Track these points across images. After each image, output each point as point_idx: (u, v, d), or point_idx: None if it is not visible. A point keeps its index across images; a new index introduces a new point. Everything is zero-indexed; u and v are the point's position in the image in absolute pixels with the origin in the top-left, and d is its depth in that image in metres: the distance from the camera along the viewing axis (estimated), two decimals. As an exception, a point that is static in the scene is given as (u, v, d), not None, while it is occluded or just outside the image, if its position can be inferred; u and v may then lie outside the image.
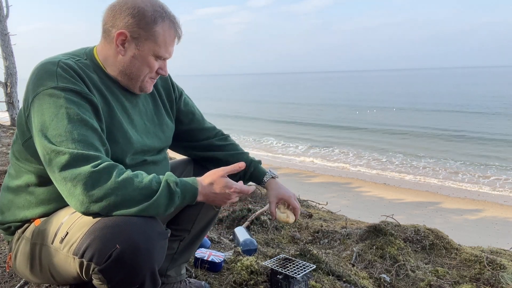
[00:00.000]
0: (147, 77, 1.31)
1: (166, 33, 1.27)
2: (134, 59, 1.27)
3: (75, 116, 1.11)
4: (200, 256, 1.97)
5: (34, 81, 1.15)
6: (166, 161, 1.51)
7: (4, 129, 7.20)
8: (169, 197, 1.11)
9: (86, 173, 1.04)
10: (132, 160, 1.30)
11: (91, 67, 1.26)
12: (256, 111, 34.00)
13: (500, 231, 7.14)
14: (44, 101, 1.11)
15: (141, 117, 1.38)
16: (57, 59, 1.20)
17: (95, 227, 1.05)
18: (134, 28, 1.23)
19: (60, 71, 1.15)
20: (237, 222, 2.80)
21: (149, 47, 1.26)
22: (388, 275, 2.19)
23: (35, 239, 1.21)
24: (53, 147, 1.07)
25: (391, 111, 30.57)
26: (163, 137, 1.46)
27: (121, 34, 1.24)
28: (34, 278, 1.27)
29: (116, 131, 1.25)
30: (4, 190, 1.34)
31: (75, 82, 1.16)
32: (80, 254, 1.05)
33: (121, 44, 1.26)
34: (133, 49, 1.26)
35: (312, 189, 9.63)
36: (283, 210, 1.66)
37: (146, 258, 1.05)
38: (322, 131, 22.42)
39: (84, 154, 1.07)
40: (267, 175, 1.66)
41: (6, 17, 8.07)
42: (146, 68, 1.28)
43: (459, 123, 23.91)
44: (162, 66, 1.33)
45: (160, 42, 1.26)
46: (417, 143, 17.93)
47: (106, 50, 1.28)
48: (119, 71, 1.29)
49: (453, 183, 11.35)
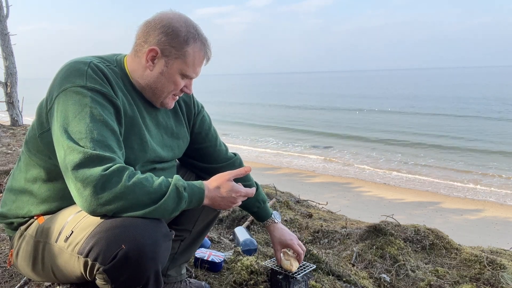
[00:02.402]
0: (170, 94, 1.34)
1: (196, 54, 1.29)
2: (161, 75, 1.29)
3: (98, 116, 1.13)
4: (200, 256, 1.97)
5: (63, 77, 1.17)
6: (174, 168, 1.53)
7: (4, 129, 7.20)
8: (177, 202, 1.12)
9: (97, 175, 1.04)
10: (142, 167, 1.32)
11: (119, 74, 1.29)
12: (256, 111, 34.02)
13: (500, 231, 7.13)
14: (70, 97, 1.13)
15: (158, 130, 1.40)
16: (89, 60, 1.22)
17: (101, 228, 1.05)
18: (166, 46, 1.26)
19: (90, 72, 1.18)
20: (237, 222, 2.81)
21: (177, 66, 1.28)
22: (388, 275, 2.19)
23: (38, 237, 1.22)
24: (70, 143, 1.07)
25: (391, 111, 30.56)
26: (177, 151, 1.49)
27: (152, 51, 1.27)
28: (35, 276, 1.28)
29: (134, 138, 1.27)
30: (10, 186, 1.35)
31: (102, 84, 1.18)
32: (85, 253, 1.06)
33: (151, 60, 1.28)
34: (162, 66, 1.28)
35: (312, 189, 9.63)
36: (287, 257, 1.71)
37: (151, 259, 1.06)
38: (322, 131, 22.40)
39: (100, 155, 1.07)
40: (269, 220, 1.72)
41: (6, 17, 8.08)
42: (171, 85, 1.31)
43: (459, 123, 23.93)
44: (188, 84, 1.36)
45: (189, 62, 1.29)
46: (417, 143, 17.92)
47: (136, 63, 1.31)
48: (145, 85, 1.31)
49: (453, 183, 11.35)
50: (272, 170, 12.47)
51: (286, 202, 3.42)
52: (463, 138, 19.02)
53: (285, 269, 1.69)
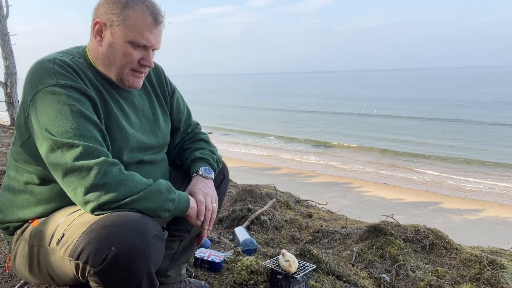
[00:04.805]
0: (127, 68, 1.26)
1: (139, 16, 1.21)
2: (109, 47, 1.23)
3: (78, 112, 1.11)
4: (200, 256, 1.97)
5: (32, 80, 1.14)
6: (164, 163, 1.48)
7: (4, 129, 7.19)
8: (168, 190, 1.16)
9: (90, 170, 1.05)
10: (129, 158, 1.29)
11: (85, 65, 1.25)
12: (255, 111, 34.01)
13: (500, 231, 7.13)
14: (45, 99, 1.11)
15: (136, 114, 1.36)
16: (52, 56, 1.19)
17: (91, 229, 1.04)
18: (107, 15, 1.22)
19: (57, 68, 1.15)
20: (237, 222, 2.80)
21: (121, 33, 1.21)
22: (388, 275, 2.19)
23: (32, 241, 1.21)
24: (59, 144, 1.07)
25: (391, 111, 30.54)
26: (160, 134, 1.43)
27: (97, 24, 1.23)
28: (33, 279, 1.27)
29: (113, 128, 1.24)
30: (4, 190, 1.34)
31: (73, 78, 1.16)
32: (75, 256, 1.05)
33: (99, 35, 1.24)
34: (109, 38, 1.23)
35: (312, 189, 9.62)
36: (287, 258, 1.69)
37: (142, 260, 1.04)
38: (322, 131, 22.40)
39: (90, 149, 1.08)
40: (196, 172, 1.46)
41: (6, 17, 8.07)
42: (122, 57, 1.23)
43: (460, 122, 23.92)
44: (145, 56, 1.26)
45: (131, 26, 1.21)
46: (417, 143, 17.92)
47: (91, 45, 1.28)
48: (102, 64, 1.27)
49: (453, 183, 11.34)
50: (272, 170, 12.46)
51: (286, 202, 3.42)
52: (463, 138, 19.02)
53: (284, 270, 1.69)
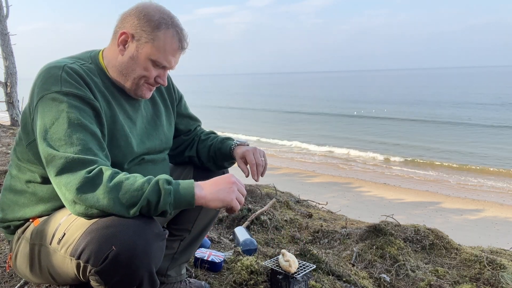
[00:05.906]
0: (142, 80, 1.30)
1: (168, 41, 1.27)
2: (131, 60, 1.28)
3: (75, 120, 1.12)
4: (200, 256, 1.97)
5: (39, 85, 1.17)
6: (165, 162, 1.51)
7: (4, 129, 7.19)
8: (158, 195, 1.07)
9: (79, 178, 1.05)
10: (133, 163, 1.33)
11: (96, 71, 1.28)
12: (256, 112, 34.01)
13: (500, 231, 7.13)
14: (46, 105, 1.13)
15: (142, 121, 1.40)
16: (63, 63, 1.21)
17: (92, 229, 1.05)
18: (137, 30, 1.26)
19: (64, 76, 1.17)
20: (237, 222, 2.80)
21: (147, 51, 1.26)
22: (388, 275, 2.19)
23: (34, 240, 1.22)
24: (50, 150, 1.08)
25: (391, 111, 30.54)
26: (164, 138, 1.48)
27: (124, 34, 1.26)
28: (34, 278, 1.27)
29: (118, 135, 1.27)
30: (5, 189, 1.34)
31: (78, 87, 1.17)
32: (77, 255, 1.05)
33: (123, 44, 1.28)
34: (133, 50, 1.27)
35: (312, 189, 9.63)
36: (287, 258, 1.69)
37: (143, 259, 1.05)
38: (322, 131, 22.40)
39: (80, 159, 1.08)
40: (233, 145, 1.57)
41: (6, 17, 8.07)
42: (141, 70, 1.28)
43: (460, 122, 23.92)
44: (161, 75, 1.32)
45: (160, 48, 1.26)
46: (417, 143, 17.92)
47: (111, 52, 1.31)
48: (118, 72, 1.30)
49: (453, 183, 11.35)
50: (272, 170, 12.46)
51: (286, 202, 3.42)
52: (463, 138, 19.02)
53: (284, 270, 1.69)
